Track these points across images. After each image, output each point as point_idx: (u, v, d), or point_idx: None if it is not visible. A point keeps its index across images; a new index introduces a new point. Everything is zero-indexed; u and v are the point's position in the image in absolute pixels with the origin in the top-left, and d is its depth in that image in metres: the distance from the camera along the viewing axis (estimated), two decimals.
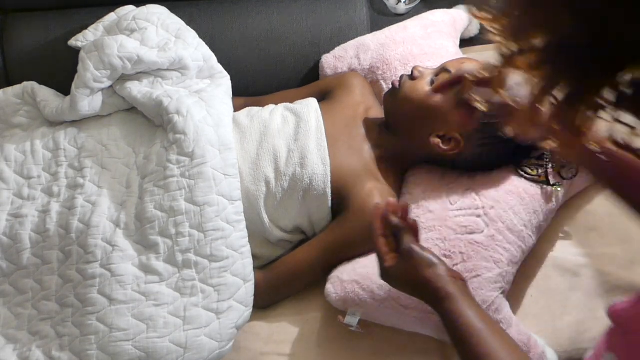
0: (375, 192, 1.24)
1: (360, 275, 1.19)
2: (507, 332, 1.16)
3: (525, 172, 1.27)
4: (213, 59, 1.44)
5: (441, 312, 0.97)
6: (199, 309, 1.15)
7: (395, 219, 1.04)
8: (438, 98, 1.24)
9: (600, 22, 0.49)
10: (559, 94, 0.52)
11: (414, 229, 1.04)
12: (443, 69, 1.26)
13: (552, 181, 1.26)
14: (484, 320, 0.95)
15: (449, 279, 0.98)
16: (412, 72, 1.29)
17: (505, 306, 1.19)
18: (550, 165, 1.26)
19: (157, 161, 1.25)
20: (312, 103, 1.38)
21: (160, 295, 1.15)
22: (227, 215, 1.20)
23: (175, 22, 1.44)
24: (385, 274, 1.03)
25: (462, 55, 1.52)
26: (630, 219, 0.90)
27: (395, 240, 1.03)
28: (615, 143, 0.52)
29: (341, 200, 1.26)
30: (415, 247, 1.01)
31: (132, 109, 1.41)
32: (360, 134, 1.34)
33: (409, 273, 1.00)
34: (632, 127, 0.51)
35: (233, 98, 1.42)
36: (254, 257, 1.23)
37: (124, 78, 1.37)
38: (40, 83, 1.46)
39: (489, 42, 0.58)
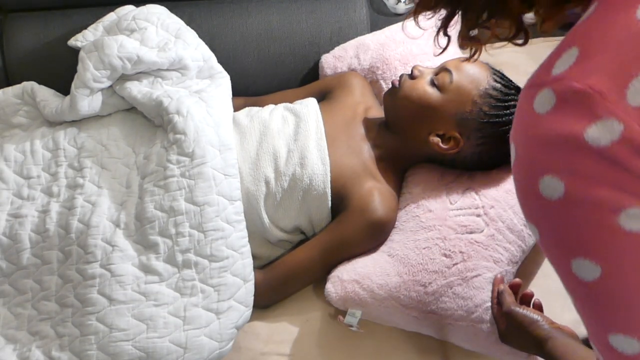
0: (375, 192, 1.24)
1: (360, 274, 1.19)
2: None
3: None
4: (213, 58, 1.44)
5: (548, 353, 1.01)
6: (199, 309, 1.15)
7: (502, 286, 1.15)
8: (437, 97, 1.24)
9: None
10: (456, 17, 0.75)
11: (514, 289, 1.15)
12: (443, 69, 1.26)
13: None
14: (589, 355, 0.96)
15: (552, 328, 1.04)
16: (411, 71, 1.29)
17: None
18: None
19: (157, 161, 1.25)
20: (312, 103, 1.38)
21: (160, 295, 1.15)
22: (227, 215, 1.20)
23: (175, 22, 1.45)
24: (501, 336, 1.13)
25: (462, 55, 1.52)
26: None
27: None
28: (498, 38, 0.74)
29: (341, 200, 1.26)
30: (515, 309, 1.09)
31: (131, 109, 1.41)
32: (360, 134, 1.34)
33: (517, 331, 1.08)
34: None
35: (233, 98, 1.42)
36: (254, 257, 1.23)
37: (124, 78, 1.37)
38: (40, 83, 1.46)
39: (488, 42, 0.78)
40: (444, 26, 0.77)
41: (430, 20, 0.77)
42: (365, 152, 1.31)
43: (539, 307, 1.12)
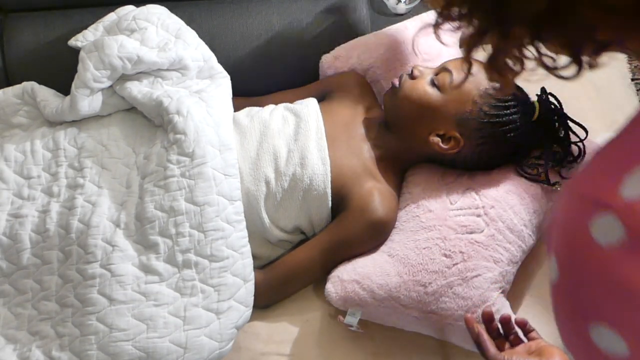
0: (375, 192, 1.24)
1: (360, 274, 1.19)
2: None
3: (525, 172, 1.27)
4: (213, 59, 1.44)
5: None
6: (199, 309, 1.15)
7: (476, 327, 1.04)
8: (437, 97, 1.24)
9: None
10: (488, 41, 0.56)
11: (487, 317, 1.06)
12: (443, 69, 1.26)
13: (552, 180, 1.26)
14: None
15: None
16: (412, 71, 1.29)
17: (506, 306, 1.19)
18: (550, 165, 1.26)
19: (157, 161, 1.25)
20: (312, 103, 1.38)
21: (160, 295, 1.15)
22: (227, 215, 1.20)
23: (175, 22, 1.44)
24: None
25: (462, 55, 1.52)
26: None
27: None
28: (545, 67, 0.56)
29: (341, 200, 1.26)
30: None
31: (132, 109, 1.41)
32: (360, 134, 1.34)
33: None
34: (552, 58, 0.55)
35: (233, 98, 1.42)
36: (254, 257, 1.23)
37: (124, 78, 1.37)
38: (40, 83, 1.46)
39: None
40: (471, 48, 0.58)
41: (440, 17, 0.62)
42: (366, 152, 1.31)
43: (521, 324, 1.05)
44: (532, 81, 0.59)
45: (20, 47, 1.53)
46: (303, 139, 1.29)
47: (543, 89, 1.31)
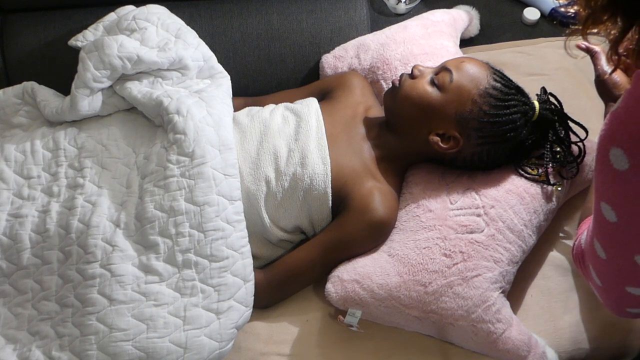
0: (375, 192, 1.24)
1: (360, 274, 1.19)
2: (508, 332, 1.16)
3: (526, 172, 1.27)
4: (213, 58, 1.44)
5: None
6: (199, 309, 1.15)
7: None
8: (437, 96, 1.24)
9: None
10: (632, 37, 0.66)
11: None
12: (443, 68, 1.26)
13: (552, 181, 1.26)
14: None
15: None
16: (412, 71, 1.29)
17: (506, 306, 1.19)
18: (550, 165, 1.26)
19: (157, 161, 1.25)
20: (312, 103, 1.38)
21: (160, 295, 1.15)
22: (227, 215, 1.20)
23: (175, 22, 1.44)
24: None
25: (462, 54, 1.52)
26: None
27: None
28: None
29: (341, 199, 1.26)
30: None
31: (132, 109, 1.41)
32: (360, 134, 1.34)
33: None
34: None
35: (233, 98, 1.42)
36: (254, 257, 1.23)
37: (124, 78, 1.37)
38: (40, 83, 1.46)
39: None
40: (616, 45, 0.69)
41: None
42: (366, 151, 1.31)
43: None
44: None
45: (20, 47, 1.54)
46: (303, 138, 1.29)
47: (543, 89, 1.31)
